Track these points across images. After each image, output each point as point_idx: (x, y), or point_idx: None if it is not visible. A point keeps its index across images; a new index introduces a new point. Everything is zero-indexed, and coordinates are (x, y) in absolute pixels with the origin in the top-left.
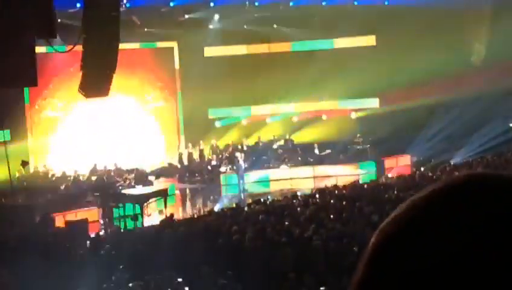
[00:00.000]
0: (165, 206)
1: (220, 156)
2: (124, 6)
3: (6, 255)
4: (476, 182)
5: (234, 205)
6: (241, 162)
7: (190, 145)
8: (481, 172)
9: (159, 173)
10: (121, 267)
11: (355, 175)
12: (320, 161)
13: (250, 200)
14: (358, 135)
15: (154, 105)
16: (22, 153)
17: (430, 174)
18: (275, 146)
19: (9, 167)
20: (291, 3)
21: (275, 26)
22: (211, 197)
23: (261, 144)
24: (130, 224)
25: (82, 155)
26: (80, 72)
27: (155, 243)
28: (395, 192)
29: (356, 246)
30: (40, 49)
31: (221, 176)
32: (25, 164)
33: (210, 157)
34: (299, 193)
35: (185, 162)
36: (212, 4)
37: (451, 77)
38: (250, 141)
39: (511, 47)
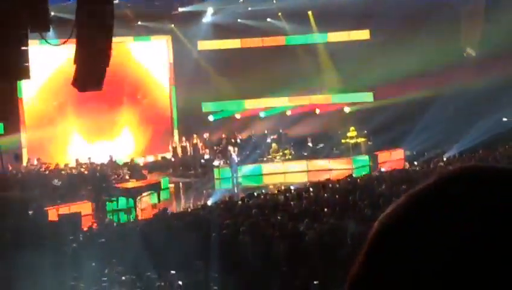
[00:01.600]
0: (159, 200)
1: (214, 149)
2: None
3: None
4: (471, 175)
5: (227, 199)
6: (234, 155)
7: (184, 138)
8: (476, 165)
9: (153, 167)
10: (114, 260)
11: (348, 169)
12: (314, 154)
13: (243, 194)
14: (351, 129)
15: (148, 98)
16: (15, 146)
17: (423, 168)
18: (268, 140)
19: (2, 160)
20: None
21: (268, 20)
22: (204, 191)
23: (254, 138)
24: (124, 218)
25: (75, 148)
26: (74, 65)
27: (148, 236)
28: (388, 186)
29: (349, 239)
30: (33, 43)
31: (215, 170)
32: (18, 157)
33: (203, 151)
34: (292, 187)
35: (179, 156)
36: None
37: (445, 71)
38: (244, 135)
39: (505, 40)
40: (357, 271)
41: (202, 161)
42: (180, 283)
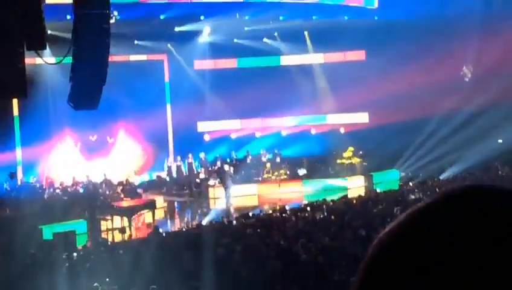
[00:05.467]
0: (153, 219)
1: (209, 169)
2: (114, 18)
3: None
4: (472, 194)
5: (222, 219)
6: (229, 175)
7: (179, 158)
8: (476, 184)
9: (148, 186)
10: (108, 279)
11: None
12: (309, 175)
13: (238, 214)
14: (349, 149)
15: (143, 117)
16: (10, 165)
17: (418, 189)
18: (263, 160)
19: None
20: (281, 18)
21: (264, 40)
22: (199, 211)
23: (249, 158)
24: (118, 237)
25: (71, 167)
26: (69, 83)
27: (142, 256)
28: (383, 207)
29: (344, 260)
30: (29, 61)
31: (210, 189)
32: (13, 175)
33: (199, 170)
34: (287, 207)
35: (174, 175)
36: (202, 17)
37: (441, 92)
38: (239, 155)
39: (500, 61)
40: (356, 285)
41: (197, 180)
42: None
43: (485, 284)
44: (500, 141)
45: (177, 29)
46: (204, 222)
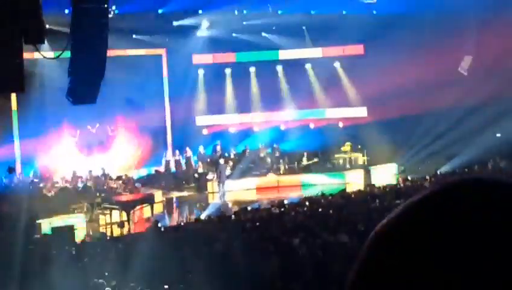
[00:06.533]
0: (152, 214)
1: (207, 163)
2: (113, 12)
3: None
4: (470, 185)
5: (221, 213)
6: (224, 169)
7: (177, 152)
8: (475, 176)
9: (146, 180)
10: (106, 274)
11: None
12: (308, 169)
13: (237, 208)
14: (347, 144)
15: (142, 112)
16: (8, 159)
17: (416, 183)
18: (262, 154)
19: None
20: (279, 12)
21: (263, 34)
22: (198, 205)
23: (248, 152)
24: (117, 231)
25: (69, 161)
26: (68, 77)
27: (141, 250)
28: (382, 201)
29: (343, 254)
30: (27, 55)
31: (208, 184)
32: (11, 170)
33: (197, 164)
34: (286, 201)
35: (172, 170)
36: (200, 11)
37: (440, 86)
38: (238, 149)
39: (497, 57)
40: (353, 279)
41: (196, 174)
42: None
43: (482, 276)
44: (498, 135)
45: (175, 23)
46: (203, 216)
